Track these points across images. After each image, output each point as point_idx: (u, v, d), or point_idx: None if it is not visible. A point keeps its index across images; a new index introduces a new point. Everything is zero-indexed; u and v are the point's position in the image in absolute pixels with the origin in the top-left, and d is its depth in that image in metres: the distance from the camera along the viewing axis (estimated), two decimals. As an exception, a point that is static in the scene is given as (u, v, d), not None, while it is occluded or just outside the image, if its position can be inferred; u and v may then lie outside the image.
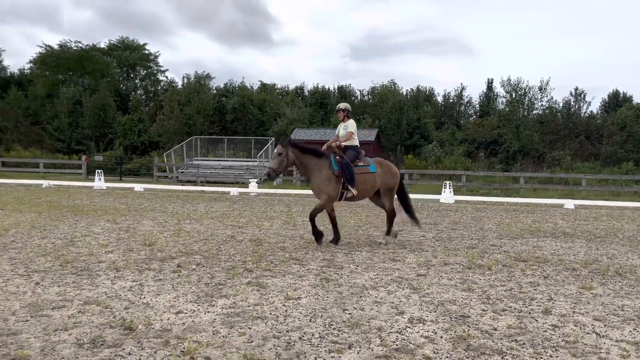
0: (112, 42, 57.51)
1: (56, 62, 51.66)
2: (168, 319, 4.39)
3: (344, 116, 8.89)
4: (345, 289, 5.58)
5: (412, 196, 20.93)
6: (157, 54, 58.48)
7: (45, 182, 23.24)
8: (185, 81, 48.72)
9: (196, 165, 31.39)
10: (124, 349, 3.70)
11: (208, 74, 50.15)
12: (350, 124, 8.80)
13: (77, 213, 12.21)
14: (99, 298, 4.97)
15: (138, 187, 22.24)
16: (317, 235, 8.33)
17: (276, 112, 43.38)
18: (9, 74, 57.34)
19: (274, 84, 51.93)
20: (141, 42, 58.31)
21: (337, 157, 8.35)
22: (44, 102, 48.47)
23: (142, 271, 6.19)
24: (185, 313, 4.58)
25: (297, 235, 9.46)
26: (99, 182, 22.91)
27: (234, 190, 21.09)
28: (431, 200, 19.92)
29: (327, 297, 5.22)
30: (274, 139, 34.04)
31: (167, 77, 58.73)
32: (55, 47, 52.98)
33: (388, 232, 8.88)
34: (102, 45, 56.52)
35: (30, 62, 56.02)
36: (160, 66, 58.66)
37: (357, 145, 8.75)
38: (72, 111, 45.58)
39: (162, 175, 31.73)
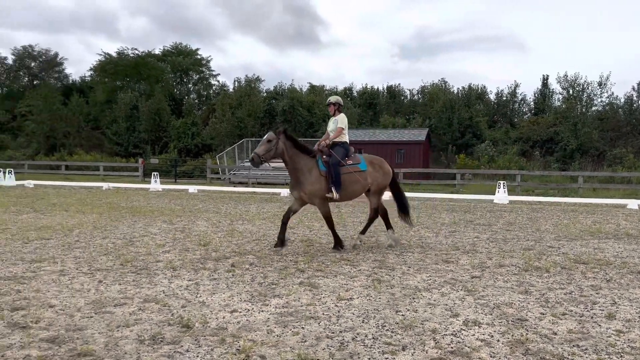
0: (166, 48, 59.44)
1: (114, 69, 53.81)
2: (223, 318, 4.48)
3: (335, 110, 8.37)
4: (398, 290, 5.53)
5: (464, 197, 20.68)
6: (209, 59, 59.91)
7: (105, 185, 24.21)
8: (236, 85, 49.78)
9: (247, 167, 31.92)
10: (182, 346, 3.80)
11: (258, 77, 51.08)
12: (341, 119, 8.27)
13: (135, 214, 12.65)
14: (157, 296, 5.14)
15: (192, 188, 22.86)
16: (337, 241, 8.04)
17: (325, 113, 43.55)
18: (71, 81, 60.21)
19: (323, 86, 52.22)
20: (194, 48, 60.11)
21: (324, 157, 7.89)
22: (103, 108, 50.50)
23: (197, 270, 6.35)
24: (240, 312, 4.66)
25: (348, 236, 9.46)
26: (155, 184, 23.65)
27: (284, 192, 21.31)
28: (484, 200, 19.47)
29: (380, 298, 5.19)
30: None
31: (218, 81, 60.47)
32: (114, 54, 55.28)
33: (363, 231, 8.55)
34: (157, 52, 58.48)
35: (91, 69, 58.75)
36: (212, 70, 60.13)
37: (346, 142, 8.22)
38: (129, 116, 47.33)
39: (215, 177, 32.43)
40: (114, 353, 3.64)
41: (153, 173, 24.48)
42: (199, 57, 59.09)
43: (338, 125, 8.20)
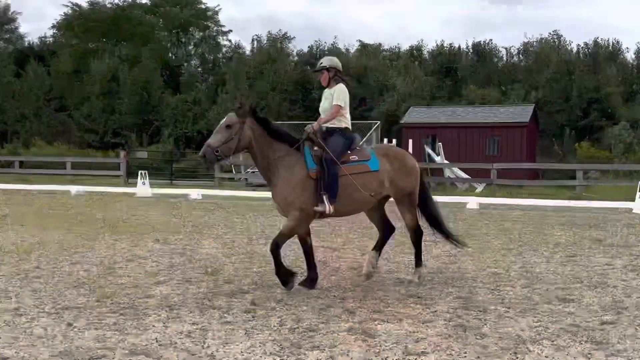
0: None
1: (85, 25, 54.84)
2: (241, 378, 4.54)
3: (329, 79, 7.90)
4: (492, 341, 5.47)
5: (589, 204, 20.24)
6: (216, 9, 60.33)
7: (74, 188, 24.83)
8: (255, 45, 50.24)
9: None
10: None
11: (286, 33, 51.31)
12: (338, 92, 7.79)
13: (116, 230, 12.95)
14: (148, 347, 5.24)
15: (195, 193, 23.20)
16: (285, 275, 7.46)
17: (383, 84, 43.44)
18: (27, 44, 61.76)
19: (379, 45, 52.18)
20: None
21: (315, 149, 7.52)
22: (71, 81, 51.51)
23: (204, 310, 6.44)
24: (265, 370, 4.71)
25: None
26: (143, 186, 24.12)
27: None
28: (619, 209, 19.04)
29: (466, 352, 5.16)
30: (379, 122, 34.01)
31: (230, 40, 60.69)
32: (84, 5, 56.37)
33: (418, 262, 8.20)
34: (145, 1, 59.31)
35: (53, 27, 60.15)
36: (221, 26, 60.71)
37: (347, 128, 7.89)
38: (106, 92, 48.20)
39: (227, 176, 32.75)
40: None
41: (140, 172, 24.91)
42: (202, 6, 59.74)
43: (334, 102, 7.75)
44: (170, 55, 58.52)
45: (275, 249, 7.40)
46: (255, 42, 51.33)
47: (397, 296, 7.19)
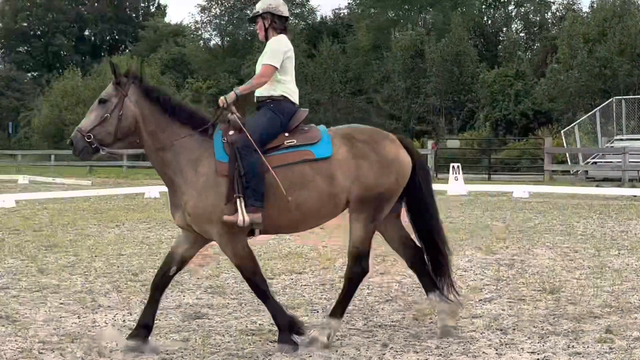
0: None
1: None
2: None
3: (265, 30, 6.73)
4: None
5: None
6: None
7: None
8: (594, 3, 48.20)
9: (621, 150, 30.54)
10: None
11: (637, -20, 48.60)
12: (272, 47, 6.60)
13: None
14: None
15: (520, 190, 22.90)
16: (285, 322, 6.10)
17: None
18: (319, 19, 65.59)
19: None
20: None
21: (231, 132, 6.21)
22: (368, 59, 53.63)
23: (544, 337, 6.32)
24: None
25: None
26: (456, 183, 24.39)
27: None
28: None
29: None
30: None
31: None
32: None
33: (336, 311, 6.34)
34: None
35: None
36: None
37: (284, 97, 6.54)
38: (409, 69, 49.32)
39: (559, 169, 31.95)
40: None
41: (452, 165, 25.22)
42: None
43: (264, 60, 6.54)
44: (485, 19, 58.33)
45: (258, 291, 6.22)
46: (593, -1, 49.43)
47: None
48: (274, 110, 6.35)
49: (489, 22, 58.87)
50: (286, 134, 6.25)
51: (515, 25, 59.72)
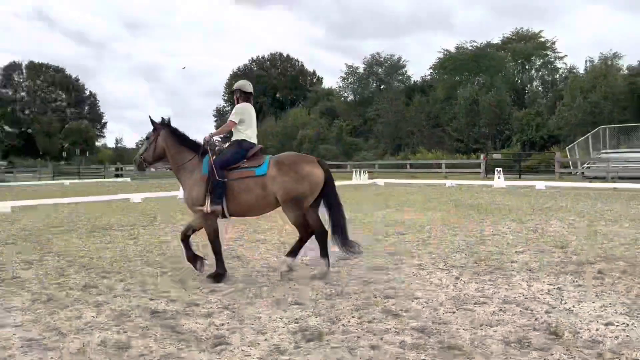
0: (505, 35, 58.55)
1: (453, 64, 55.86)
2: (597, 330, 4.19)
3: (237, 99, 6.97)
4: None
5: None
6: (554, 40, 56.33)
7: (447, 182, 25.46)
8: (587, 65, 45.63)
9: (605, 160, 28.89)
10: (552, 354, 3.72)
11: (616, 52, 45.44)
12: (235, 109, 6.79)
13: (481, 212, 12.91)
14: (517, 298, 5.14)
15: (539, 184, 22.03)
16: (193, 259, 6.56)
17: None
18: (412, 82, 65.11)
19: None
20: (536, 30, 57.29)
21: (213, 157, 6.51)
22: (443, 105, 53.05)
23: (557, 275, 6.09)
24: (617, 326, 4.28)
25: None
26: (499, 180, 23.66)
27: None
28: None
29: None
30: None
31: (565, 63, 55.88)
32: (452, 50, 57.40)
33: (291, 253, 6.57)
34: (496, 41, 58.12)
35: (430, 68, 62.22)
36: (557, 53, 56.35)
37: (243, 140, 6.68)
38: (469, 111, 48.50)
39: (565, 171, 30.53)
40: (481, 351, 3.82)
41: (496, 169, 24.55)
42: (542, 39, 56.26)
43: (229, 117, 6.80)
44: (516, 80, 56.33)
45: (214, 248, 6.42)
46: (587, 62, 46.40)
47: None
48: (237, 146, 6.62)
49: (519, 80, 56.63)
50: (244, 160, 6.50)
51: (536, 82, 57.21)
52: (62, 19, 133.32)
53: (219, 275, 6.23)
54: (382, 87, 65.01)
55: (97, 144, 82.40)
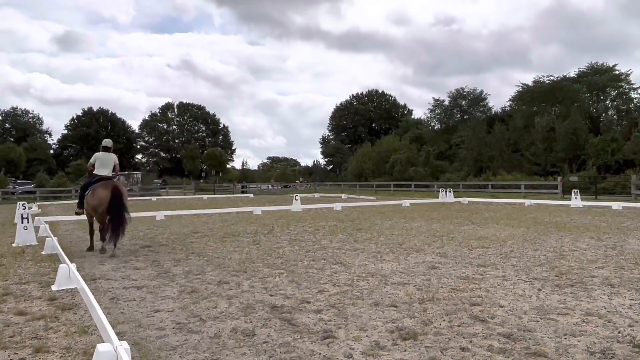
0: (580, 69, 54.56)
1: (531, 96, 53.01)
2: (683, 347, 3.70)
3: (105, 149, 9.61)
4: None
5: None
6: (628, 73, 51.65)
7: (527, 201, 23.92)
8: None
9: (684, 182, 25.82)
10: (637, 366, 3.34)
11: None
12: (96, 155, 9.40)
13: (560, 229, 11.98)
14: (599, 311, 4.69)
15: (616, 205, 20.05)
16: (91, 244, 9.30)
17: None
18: (493, 113, 62.53)
19: None
20: (611, 64, 52.83)
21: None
22: (522, 133, 50.31)
23: (638, 291, 5.48)
24: None
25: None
26: (575, 200, 21.87)
27: None
28: None
29: None
30: None
31: (639, 93, 50.99)
32: (530, 83, 54.50)
33: (102, 239, 8.75)
34: (572, 75, 54.38)
35: (510, 100, 59.47)
36: (632, 84, 51.57)
37: (95, 175, 9.13)
38: (546, 138, 45.64)
39: (641, 193, 27.55)
40: (565, 359, 3.50)
41: (573, 190, 22.75)
42: (616, 72, 51.73)
43: (91, 161, 9.33)
44: (592, 109, 52.07)
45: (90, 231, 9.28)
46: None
47: None
48: (91, 178, 9.13)
49: (594, 110, 52.32)
50: (93, 185, 8.80)
51: (610, 112, 52.58)
52: (203, 68, 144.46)
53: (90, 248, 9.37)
54: (465, 117, 62.92)
55: (227, 166, 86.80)
